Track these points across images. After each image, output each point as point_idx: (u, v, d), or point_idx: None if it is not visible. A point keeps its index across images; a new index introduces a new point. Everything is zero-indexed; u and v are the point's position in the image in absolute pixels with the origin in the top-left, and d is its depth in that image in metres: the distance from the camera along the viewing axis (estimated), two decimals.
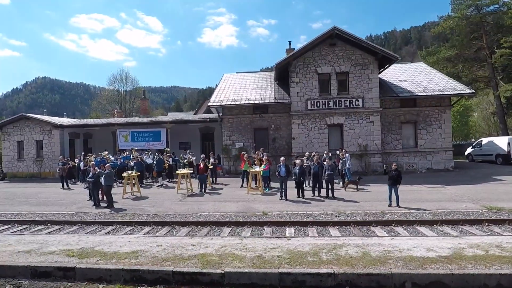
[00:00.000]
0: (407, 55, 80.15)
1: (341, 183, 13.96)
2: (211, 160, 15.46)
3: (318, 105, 17.53)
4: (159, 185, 15.70)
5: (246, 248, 6.78)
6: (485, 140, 21.37)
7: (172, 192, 14.04)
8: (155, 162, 15.90)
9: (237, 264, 5.86)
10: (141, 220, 9.90)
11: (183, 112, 64.08)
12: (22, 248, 7.19)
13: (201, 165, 13.62)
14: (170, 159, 16.39)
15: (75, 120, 26.68)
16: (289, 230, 8.63)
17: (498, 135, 26.95)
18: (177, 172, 14.29)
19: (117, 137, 20.40)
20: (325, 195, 12.10)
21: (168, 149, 18.03)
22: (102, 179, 11.63)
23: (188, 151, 18.43)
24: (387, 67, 18.35)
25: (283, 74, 19.41)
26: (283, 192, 11.99)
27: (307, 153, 14.76)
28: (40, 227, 9.85)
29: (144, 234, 8.63)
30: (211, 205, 11.55)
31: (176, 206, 11.61)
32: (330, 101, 17.45)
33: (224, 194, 13.40)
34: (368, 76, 17.30)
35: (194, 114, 35.63)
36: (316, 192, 12.38)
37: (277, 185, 14.39)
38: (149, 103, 32.97)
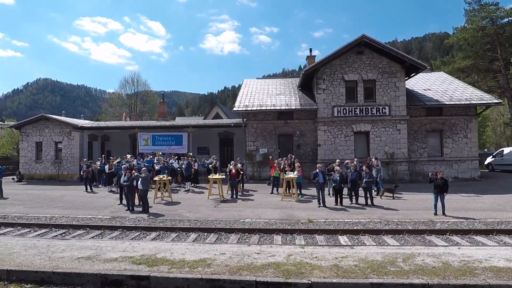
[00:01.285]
0: None
1: (373, 190, 13.78)
2: (239, 165, 15.24)
3: (344, 112, 17.46)
4: (185, 190, 15.43)
5: (316, 257, 6.57)
6: (506, 150, 21.36)
7: (203, 197, 13.78)
8: (184, 166, 15.64)
9: (320, 274, 5.65)
10: (185, 226, 9.66)
11: (185, 117, 63.94)
12: (78, 254, 6.92)
13: (233, 171, 13.42)
14: (196, 164, 16.15)
15: (95, 122, 26.36)
16: (343, 239, 8.46)
17: (507, 145, 27.07)
18: (209, 177, 14.05)
19: (137, 141, 20.10)
20: (364, 203, 11.93)
21: (191, 154, 17.79)
22: (138, 183, 11.38)
23: (212, 156, 18.18)
24: (413, 76, 18.38)
25: (306, 80, 19.39)
26: (321, 199, 11.80)
27: (338, 160, 14.60)
28: (79, 231, 9.58)
29: (194, 241, 8.39)
30: (250, 211, 11.33)
31: (213, 212, 11.37)
32: (357, 108, 17.39)
33: (257, 201, 13.17)
34: (395, 84, 17.30)
35: (203, 119, 35.49)
36: (354, 200, 12.22)
37: (307, 192, 14.24)
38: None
